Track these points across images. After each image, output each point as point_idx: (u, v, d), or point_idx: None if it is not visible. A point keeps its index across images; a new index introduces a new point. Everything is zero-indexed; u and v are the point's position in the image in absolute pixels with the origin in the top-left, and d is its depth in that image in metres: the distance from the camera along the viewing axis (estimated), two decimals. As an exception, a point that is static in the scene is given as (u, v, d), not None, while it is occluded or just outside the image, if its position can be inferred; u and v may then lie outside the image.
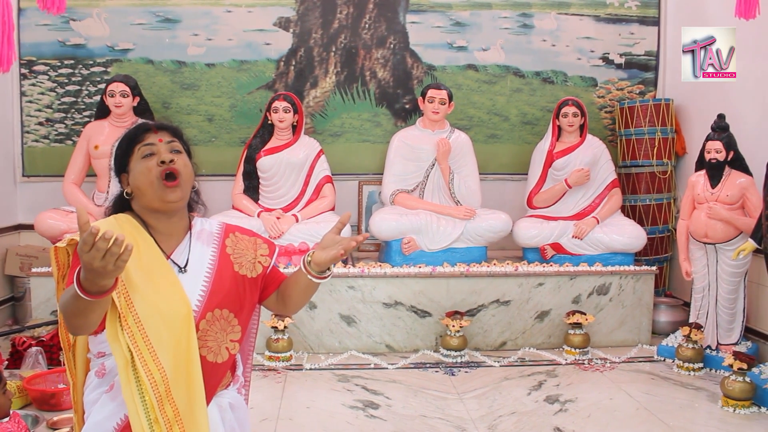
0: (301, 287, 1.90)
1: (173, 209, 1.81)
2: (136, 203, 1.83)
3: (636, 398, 3.86)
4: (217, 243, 1.88)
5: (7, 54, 0.88)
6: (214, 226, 1.93)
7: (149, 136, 1.81)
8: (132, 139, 1.83)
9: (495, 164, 5.72)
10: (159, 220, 1.81)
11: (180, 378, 1.67)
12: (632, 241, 4.99)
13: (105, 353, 1.76)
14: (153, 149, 1.79)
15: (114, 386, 1.73)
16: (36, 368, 4.03)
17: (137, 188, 1.79)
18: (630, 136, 5.49)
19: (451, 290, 4.75)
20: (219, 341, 1.79)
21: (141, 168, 1.77)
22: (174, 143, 1.83)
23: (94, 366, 1.80)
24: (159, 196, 1.76)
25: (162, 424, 1.63)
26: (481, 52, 5.72)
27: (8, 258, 5.32)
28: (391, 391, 3.99)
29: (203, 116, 5.58)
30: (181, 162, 1.80)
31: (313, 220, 4.93)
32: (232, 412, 1.86)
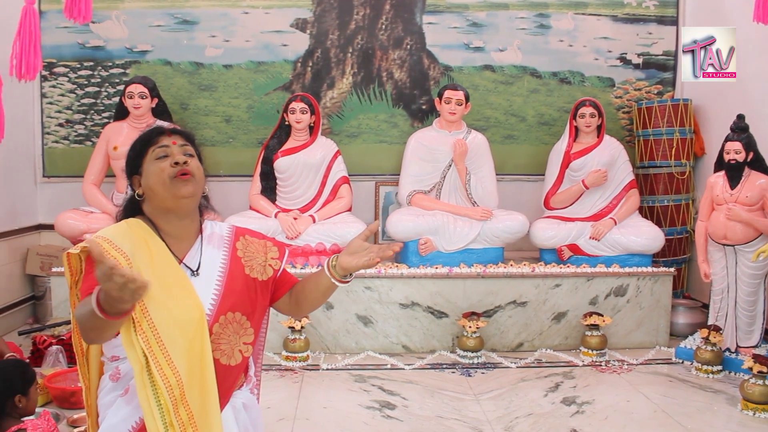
0: (320, 289, 1.91)
1: (185, 206, 1.82)
2: (147, 205, 1.84)
3: (653, 400, 3.84)
4: (228, 246, 1.90)
5: (34, 62, 0.90)
6: (224, 229, 1.94)
7: (163, 138, 1.84)
8: (146, 142, 1.84)
9: (512, 165, 5.71)
10: (171, 223, 1.83)
11: (194, 381, 1.68)
12: (650, 243, 4.96)
13: (119, 357, 1.78)
14: (167, 151, 1.81)
15: (129, 390, 1.74)
16: (56, 366, 4.07)
17: (150, 189, 1.80)
18: (648, 136, 5.47)
19: (468, 291, 4.75)
20: (232, 344, 1.80)
21: (154, 169, 1.79)
22: (187, 147, 1.85)
23: (108, 369, 1.81)
24: (172, 193, 1.77)
25: (177, 428, 1.64)
26: (498, 52, 5.71)
27: (29, 257, 5.38)
28: (407, 391, 3.99)
29: (221, 117, 5.61)
30: (194, 164, 1.82)
31: (330, 221, 4.95)
32: (246, 412, 1.87)
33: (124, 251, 1.69)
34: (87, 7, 0.94)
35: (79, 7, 0.93)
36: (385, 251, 1.74)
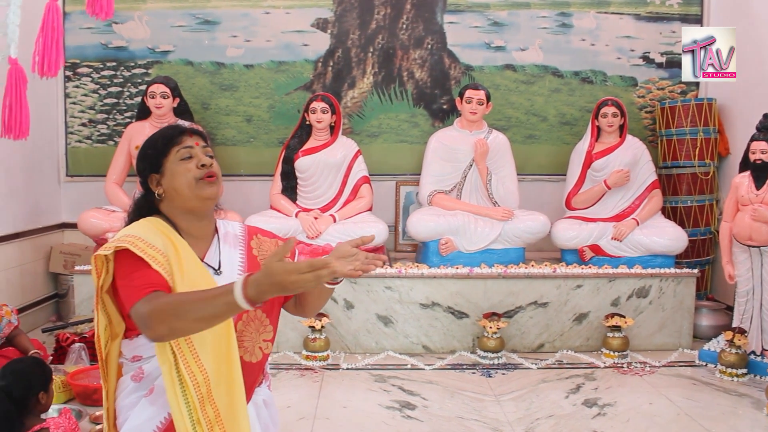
0: (315, 292, 1.90)
1: (208, 207, 1.84)
2: (167, 205, 1.83)
3: (677, 403, 3.80)
4: (243, 245, 1.91)
5: (56, 59, 0.91)
6: (237, 228, 1.95)
7: (186, 138, 1.84)
8: (169, 141, 1.83)
9: (533, 165, 5.69)
10: (190, 222, 1.83)
11: (221, 379, 1.69)
12: (673, 243, 4.91)
13: (142, 357, 1.78)
14: (191, 152, 1.82)
15: (154, 389, 1.74)
16: (79, 364, 4.10)
17: (173, 189, 1.80)
18: (671, 136, 5.41)
19: (489, 291, 4.73)
20: (254, 341, 1.82)
21: (180, 169, 1.79)
22: (208, 148, 1.86)
23: (129, 370, 1.80)
24: (197, 194, 1.78)
25: (204, 425, 1.65)
26: (519, 52, 5.68)
27: (53, 256, 5.44)
28: (427, 392, 3.98)
29: (242, 117, 5.63)
30: (216, 166, 1.84)
31: (351, 221, 4.95)
32: (266, 408, 1.89)
33: (159, 248, 1.69)
34: (109, 4, 0.94)
35: (101, 4, 0.94)
36: (370, 264, 1.63)
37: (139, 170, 1.88)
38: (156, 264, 1.66)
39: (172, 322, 1.53)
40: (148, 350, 1.76)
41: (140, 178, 1.87)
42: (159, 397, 1.72)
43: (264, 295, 1.45)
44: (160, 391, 1.72)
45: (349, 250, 1.67)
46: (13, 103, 0.94)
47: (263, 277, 1.44)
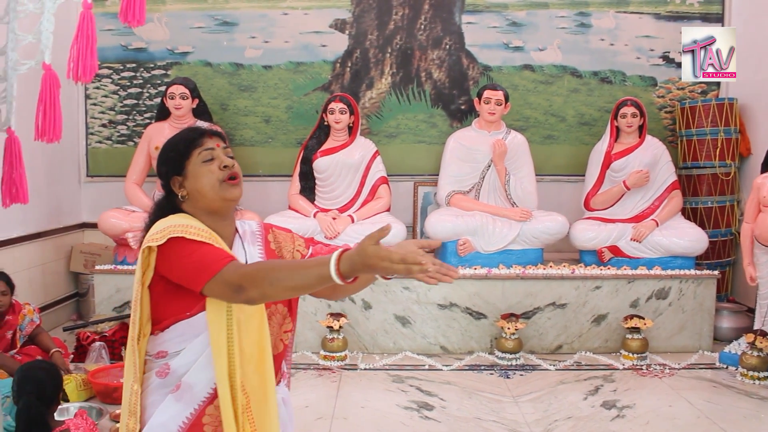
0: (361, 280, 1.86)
1: (231, 208, 1.86)
2: (190, 206, 1.84)
3: (697, 406, 3.76)
4: (261, 241, 1.93)
5: (91, 65, 0.93)
6: (253, 226, 1.98)
7: (207, 140, 1.85)
8: (190, 143, 1.85)
9: (551, 165, 5.66)
10: (214, 222, 1.83)
11: (254, 367, 1.74)
12: (693, 245, 4.87)
13: (168, 353, 1.78)
14: (213, 154, 1.83)
15: (181, 386, 1.75)
16: (99, 362, 4.15)
17: (197, 191, 1.81)
18: (691, 136, 5.37)
19: (507, 292, 4.71)
20: (276, 334, 1.85)
21: (203, 171, 1.81)
22: (228, 149, 1.88)
23: (154, 367, 1.80)
24: (221, 196, 1.80)
25: (239, 405, 1.70)
26: (538, 52, 5.66)
27: (73, 255, 5.49)
28: (445, 392, 3.98)
29: (260, 117, 5.66)
30: (238, 167, 1.86)
31: (369, 221, 4.96)
32: (284, 407, 1.89)
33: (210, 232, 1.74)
34: (141, 12, 0.96)
35: (134, 11, 0.95)
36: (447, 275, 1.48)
37: (160, 173, 1.89)
38: (217, 244, 1.71)
39: (264, 287, 1.58)
40: (174, 346, 1.76)
41: (162, 181, 1.89)
42: (185, 394, 1.74)
43: (354, 272, 1.50)
44: (187, 388, 1.74)
45: (415, 250, 1.58)
46: (47, 107, 0.96)
47: (357, 255, 1.48)
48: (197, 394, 1.74)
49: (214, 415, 1.75)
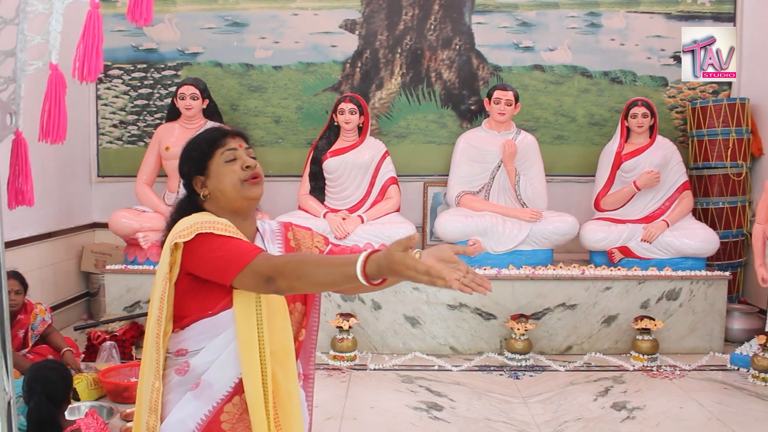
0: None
1: (253, 207, 1.89)
2: (212, 205, 1.86)
3: (708, 408, 3.75)
4: (281, 238, 1.95)
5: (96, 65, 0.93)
6: (273, 225, 2.00)
7: (229, 141, 1.87)
8: (213, 143, 1.87)
9: (561, 166, 5.65)
10: (236, 221, 1.85)
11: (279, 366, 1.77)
12: (704, 246, 4.85)
13: (188, 350, 1.79)
14: (235, 154, 1.85)
15: (200, 384, 1.76)
16: (110, 361, 4.17)
17: (219, 191, 1.83)
18: (702, 137, 5.34)
19: (517, 293, 4.71)
20: (294, 331, 1.87)
21: (226, 171, 1.83)
22: (250, 149, 1.90)
23: (173, 364, 1.81)
24: (243, 195, 1.83)
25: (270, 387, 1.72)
26: (548, 52, 5.65)
27: (84, 255, 5.52)
28: (455, 393, 3.98)
29: (270, 118, 5.67)
30: (260, 167, 1.88)
31: (379, 221, 4.96)
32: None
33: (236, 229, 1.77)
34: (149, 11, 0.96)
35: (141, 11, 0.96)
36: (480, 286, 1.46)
37: (182, 172, 1.91)
38: (244, 238, 1.74)
39: (293, 280, 1.60)
40: (195, 344, 1.78)
41: (183, 180, 1.91)
42: (204, 392, 1.76)
43: (380, 275, 1.51)
44: (206, 386, 1.75)
45: (452, 256, 1.54)
46: (52, 108, 0.97)
47: (384, 260, 1.48)
48: (216, 392, 1.76)
49: (231, 412, 1.77)
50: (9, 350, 0.95)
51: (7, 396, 0.94)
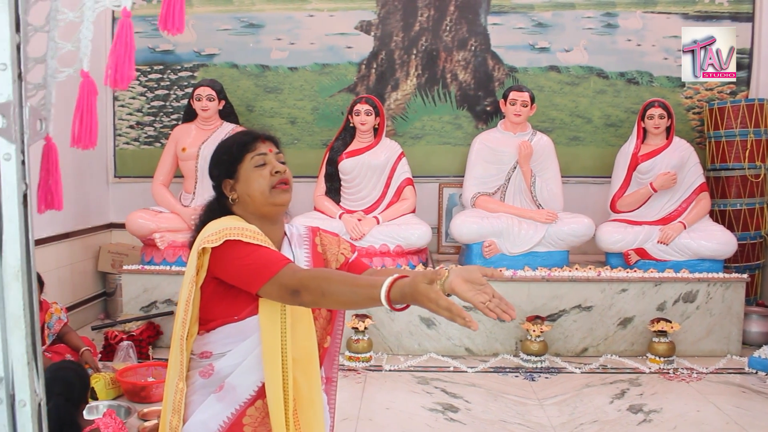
0: None
1: (280, 213, 1.89)
2: (240, 209, 1.88)
3: (726, 411, 3.72)
4: (308, 244, 1.96)
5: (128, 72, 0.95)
6: (301, 229, 2.01)
7: (260, 145, 1.88)
8: (243, 147, 1.88)
9: (577, 167, 5.63)
10: (263, 226, 1.86)
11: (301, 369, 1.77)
12: (721, 248, 4.82)
13: (212, 353, 1.81)
14: (265, 159, 1.86)
15: (224, 387, 1.78)
16: (127, 361, 4.20)
17: (247, 195, 1.85)
18: (720, 138, 5.31)
19: (532, 294, 4.70)
20: (319, 339, 1.87)
21: (255, 176, 1.84)
22: (280, 155, 1.91)
23: (197, 366, 1.83)
24: (270, 201, 1.83)
25: (290, 395, 1.73)
26: (564, 53, 5.63)
27: (101, 255, 5.56)
28: (470, 394, 3.97)
29: (286, 119, 5.69)
30: (289, 173, 1.89)
31: (394, 222, 4.96)
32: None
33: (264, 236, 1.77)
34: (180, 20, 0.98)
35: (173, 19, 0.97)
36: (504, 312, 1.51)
37: (212, 175, 1.93)
38: (271, 247, 1.75)
39: (317, 296, 1.62)
40: (220, 347, 1.80)
41: (213, 182, 1.93)
42: (228, 394, 1.77)
43: (403, 302, 1.52)
44: (230, 389, 1.77)
45: (479, 278, 1.55)
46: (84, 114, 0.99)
47: (408, 288, 1.49)
48: (240, 396, 1.77)
49: (254, 416, 1.78)
50: (39, 353, 0.96)
51: (38, 398, 0.96)
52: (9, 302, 0.89)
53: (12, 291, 0.89)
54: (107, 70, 0.99)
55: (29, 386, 0.93)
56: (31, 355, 0.93)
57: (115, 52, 0.97)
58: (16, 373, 0.93)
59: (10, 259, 0.89)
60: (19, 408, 0.92)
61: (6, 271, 0.89)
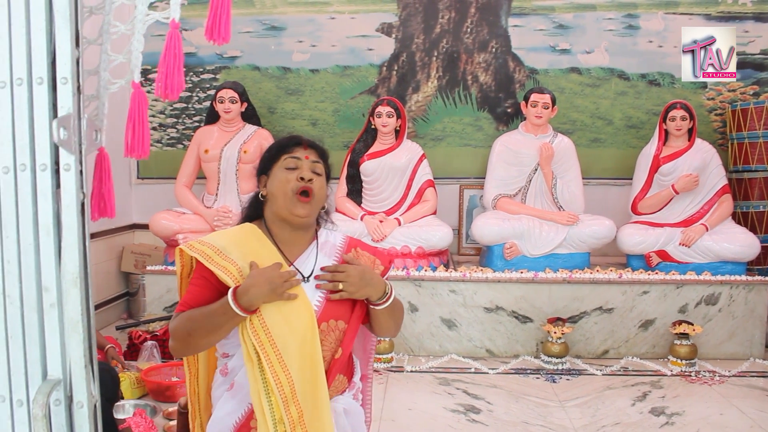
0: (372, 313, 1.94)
1: (298, 223, 1.87)
2: (269, 208, 1.91)
3: (749, 415, 3.71)
4: (339, 256, 1.93)
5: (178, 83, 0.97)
6: (338, 239, 1.98)
7: (298, 149, 1.90)
8: (281, 147, 1.91)
9: (598, 169, 5.62)
10: (284, 230, 1.88)
11: (306, 381, 1.73)
12: (744, 250, 4.80)
13: (229, 354, 1.86)
14: (297, 163, 1.87)
15: (234, 385, 1.82)
16: (151, 361, 4.24)
17: (272, 194, 1.87)
18: (743, 139, 5.28)
19: (553, 296, 4.70)
20: (332, 350, 1.84)
21: (281, 177, 1.86)
22: (318, 164, 1.90)
23: (221, 365, 1.89)
24: (289, 208, 1.83)
25: (286, 425, 1.69)
26: (585, 54, 5.63)
27: (124, 255, 5.62)
28: (492, 396, 3.99)
29: (307, 121, 5.72)
30: (318, 184, 1.87)
31: (416, 224, 4.98)
32: (346, 417, 1.89)
33: (233, 260, 1.78)
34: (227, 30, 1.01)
35: (219, 31, 1.00)
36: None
37: (257, 170, 1.97)
38: (226, 274, 1.76)
39: (181, 340, 1.77)
40: (233, 348, 1.84)
41: (257, 178, 1.97)
42: (238, 393, 1.80)
43: (249, 303, 1.69)
44: (239, 387, 1.80)
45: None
46: (136, 125, 1.02)
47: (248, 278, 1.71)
48: (246, 396, 1.79)
49: None
50: (95, 355, 1.00)
51: (94, 399, 0.99)
52: (68, 307, 0.93)
53: (71, 297, 0.92)
54: (157, 81, 1.02)
55: (86, 388, 0.96)
56: (87, 359, 0.97)
57: (165, 63, 1.00)
58: (74, 375, 0.96)
59: (69, 265, 0.92)
60: (76, 409, 0.95)
61: (65, 278, 0.92)
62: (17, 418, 0.95)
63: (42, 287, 0.93)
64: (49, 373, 0.94)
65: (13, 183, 0.94)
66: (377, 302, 1.86)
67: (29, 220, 0.94)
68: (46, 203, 0.94)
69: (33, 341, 0.94)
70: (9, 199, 0.94)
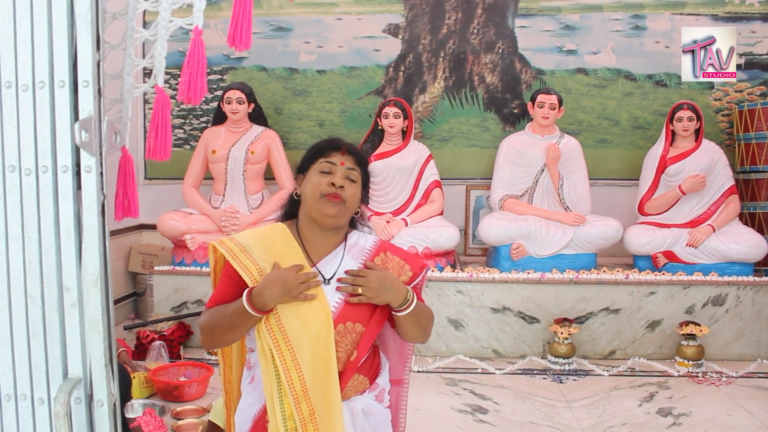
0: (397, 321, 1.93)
1: (328, 224, 1.88)
2: (302, 208, 1.93)
3: (757, 416, 3.71)
4: (365, 260, 1.92)
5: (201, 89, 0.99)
6: (369, 242, 1.97)
7: (335, 154, 1.90)
8: (320, 150, 1.93)
9: (605, 169, 5.62)
10: (313, 231, 1.90)
11: (318, 381, 1.75)
12: (751, 251, 4.79)
13: (251, 349, 1.93)
14: (332, 168, 1.87)
15: (254, 379, 1.88)
16: (159, 361, 4.26)
17: (304, 194, 1.90)
18: (750, 140, 5.28)
19: (560, 297, 4.70)
20: (347, 352, 1.84)
21: (314, 180, 1.87)
22: (353, 172, 1.89)
23: (247, 359, 1.97)
24: (318, 208, 1.85)
25: (297, 421, 1.72)
26: (591, 55, 5.63)
27: (131, 256, 5.64)
28: (499, 396, 3.99)
29: (314, 121, 5.73)
30: (350, 191, 1.87)
31: (422, 225, 4.99)
32: (365, 417, 1.89)
33: (256, 260, 1.82)
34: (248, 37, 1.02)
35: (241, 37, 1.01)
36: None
37: (296, 168, 2.00)
38: (246, 273, 1.80)
39: (207, 334, 1.84)
40: (252, 343, 1.90)
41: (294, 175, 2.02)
42: (257, 386, 1.85)
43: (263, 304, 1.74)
44: (258, 381, 1.85)
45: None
46: (159, 128, 1.03)
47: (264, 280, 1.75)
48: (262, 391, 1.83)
49: None
50: (114, 355, 1.01)
51: (114, 398, 1.00)
52: (88, 307, 0.94)
53: (92, 296, 0.93)
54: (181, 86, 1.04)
55: (106, 387, 0.97)
56: (108, 358, 0.98)
57: (189, 68, 1.02)
58: (94, 374, 0.97)
59: (90, 266, 0.93)
60: (96, 407, 0.97)
61: (86, 278, 0.93)
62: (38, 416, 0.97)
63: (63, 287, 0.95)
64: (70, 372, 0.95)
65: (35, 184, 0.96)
66: (398, 308, 1.86)
67: (50, 221, 0.96)
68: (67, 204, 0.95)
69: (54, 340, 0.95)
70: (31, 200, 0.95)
